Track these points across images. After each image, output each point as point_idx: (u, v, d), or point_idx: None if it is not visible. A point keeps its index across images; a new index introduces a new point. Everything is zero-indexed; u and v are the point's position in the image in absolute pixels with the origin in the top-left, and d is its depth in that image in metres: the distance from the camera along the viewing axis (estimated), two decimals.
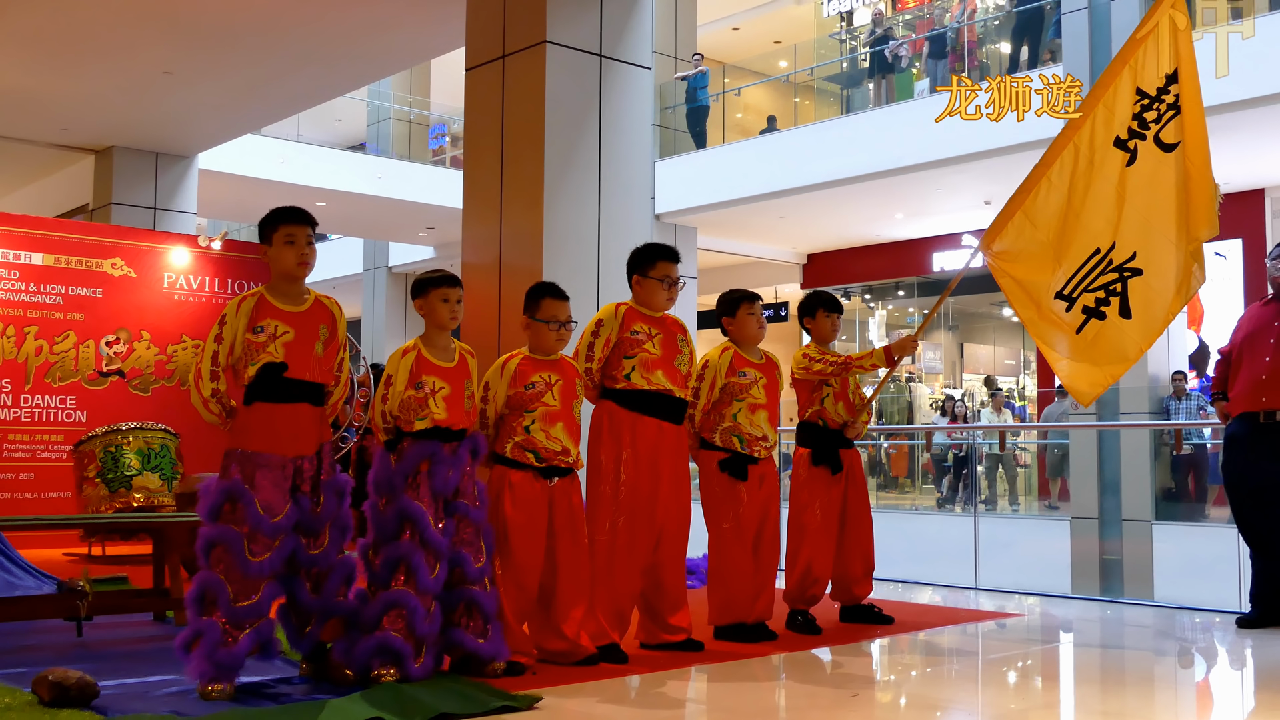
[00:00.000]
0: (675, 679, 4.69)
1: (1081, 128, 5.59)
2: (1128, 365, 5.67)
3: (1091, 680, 5.00)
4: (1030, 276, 5.65)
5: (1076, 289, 5.58)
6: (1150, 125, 5.56)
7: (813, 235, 18.97)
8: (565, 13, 7.87)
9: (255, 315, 4.23)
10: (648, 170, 8.58)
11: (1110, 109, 5.59)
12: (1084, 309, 5.58)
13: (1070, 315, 5.59)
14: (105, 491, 8.48)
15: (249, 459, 4.16)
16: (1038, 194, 5.62)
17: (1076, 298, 5.58)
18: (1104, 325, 5.57)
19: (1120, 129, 5.57)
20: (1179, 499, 12.85)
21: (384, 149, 21.93)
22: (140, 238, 10.70)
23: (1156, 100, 5.58)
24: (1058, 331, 5.64)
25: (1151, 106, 5.57)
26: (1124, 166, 5.57)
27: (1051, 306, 5.61)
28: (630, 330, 5.07)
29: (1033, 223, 5.61)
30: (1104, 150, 5.57)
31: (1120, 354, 5.59)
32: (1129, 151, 5.57)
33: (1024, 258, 5.65)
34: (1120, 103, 5.58)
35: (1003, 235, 5.68)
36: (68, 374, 9.93)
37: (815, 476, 5.80)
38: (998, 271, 5.72)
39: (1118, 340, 5.57)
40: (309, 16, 9.60)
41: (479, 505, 4.57)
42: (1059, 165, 5.61)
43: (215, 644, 3.99)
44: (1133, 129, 5.57)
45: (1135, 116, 5.57)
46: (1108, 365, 5.62)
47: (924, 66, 15.80)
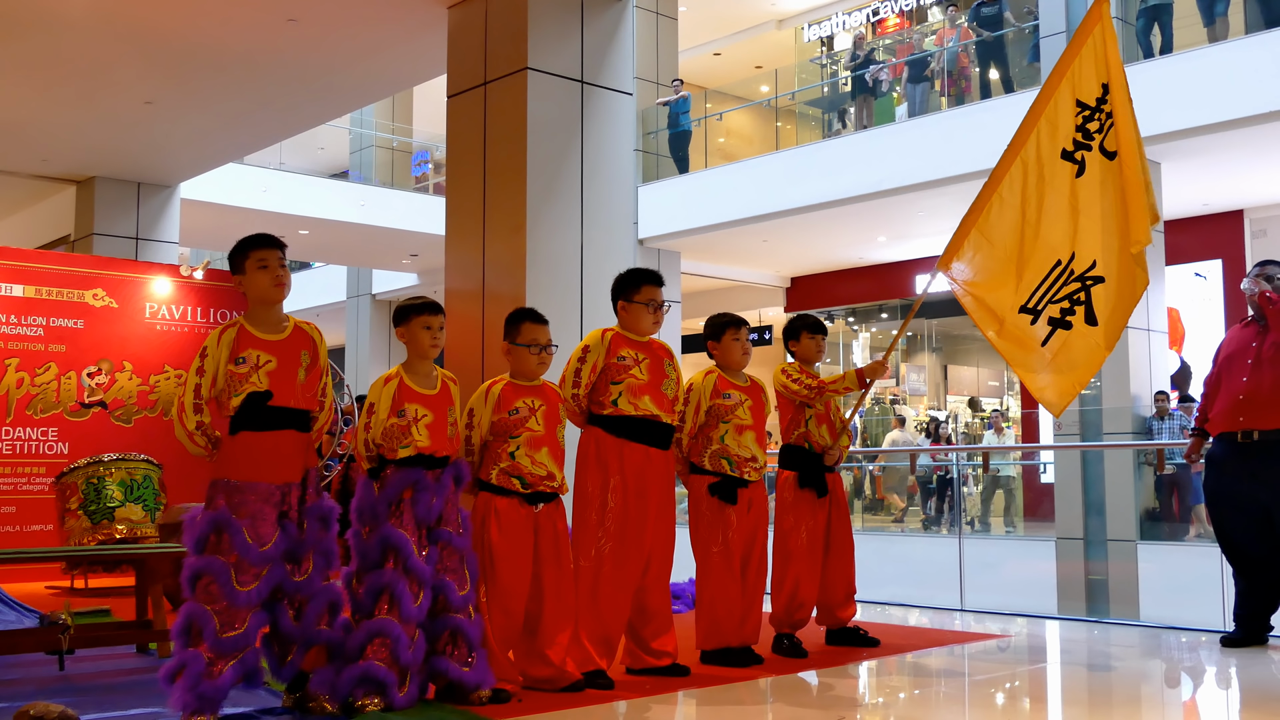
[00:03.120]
0: (662, 704, 4.67)
1: (1026, 143, 5.68)
2: (1094, 370, 5.73)
3: (1079, 701, 4.99)
4: (992, 294, 5.70)
5: (1041, 301, 5.64)
6: (1094, 135, 5.66)
7: (796, 259, 19.03)
8: (546, 39, 7.90)
9: (236, 346, 4.21)
10: (630, 195, 8.61)
11: (1053, 122, 5.68)
12: (1049, 320, 5.63)
13: (1036, 328, 5.64)
14: (88, 523, 8.42)
15: (236, 489, 4.13)
16: (990, 211, 5.69)
17: (1042, 309, 5.64)
18: (1070, 334, 5.63)
19: (1065, 141, 5.67)
20: (1163, 519, 12.88)
21: (367, 176, 21.94)
22: (122, 268, 10.66)
23: (1096, 110, 5.67)
24: (1022, 346, 5.68)
25: (1093, 117, 5.67)
26: (1074, 178, 5.66)
27: (1015, 321, 5.65)
28: (617, 356, 5.07)
29: (989, 240, 5.67)
30: (1052, 163, 5.66)
31: (1087, 361, 5.65)
32: (1076, 163, 5.66)
33: (984, 275, 5.70)
34: (1062, 115, 5.68)
35: (960, 255, 5.72)
36: (49, 405, 9.88)
37: (800, 499, 5.81)
38: (960, 294, 5.75)
39: (1085, 348, 5.63)
40: (290, 45, 9.62)
41: (462, 533, 4.56)
42: (1008, 181, 5.68)
43: (199, 676, 3.95)
44: (1078, 140, 5.66)
45: (1079, 128, 5.66)
46: (1074, 372, 5.66)
47: (904, 91, 15.90)
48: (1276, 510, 5.72)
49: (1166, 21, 12.62)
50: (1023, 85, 14.14)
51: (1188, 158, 12.45)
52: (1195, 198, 14.38)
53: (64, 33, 9.37)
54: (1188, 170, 12.85)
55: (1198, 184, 13.69)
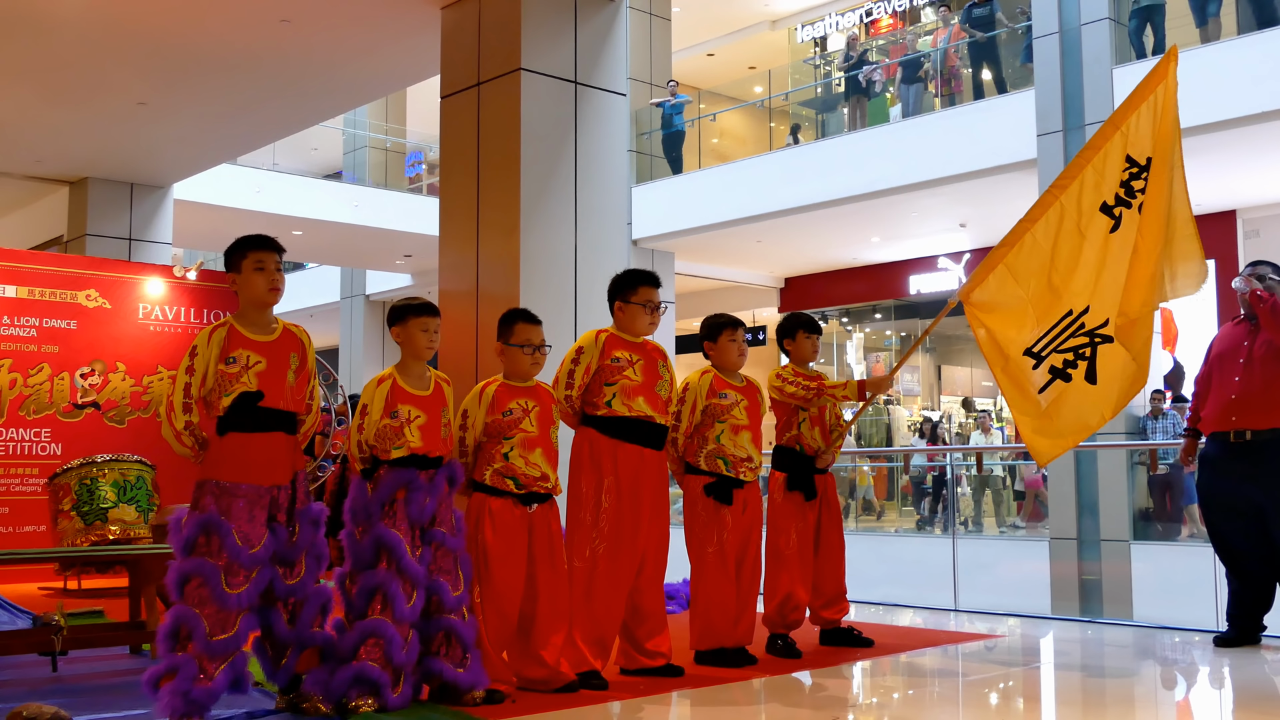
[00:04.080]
0: (655, 704, 4.67)
1: (1069, 188, 5.55)
2: (1088, 433, 5.63)
3: (1073, 701, 5.00)
4: (1004, 330, 5.60)
5: (1046, 348, 5.54)
6: (1136, 195, 5.53)
7: (790, 259, 19.04)
8: (540, 40, 7.90)
9: (227, 346, 4.20)
10: (624, 196, 8.61)
11: (1100, 172, 5.55)
12: (1051, 369, 5.53)
13: (1037, 374, 5.54)
14: (81, 524, 8.40)
15: (224, 490, 4.11)
16: (1021, 249, 5.58)
17: (1045, 356, 5.54)
18: (1068, 388, 5.51)
19: (1108, 194, 5.54)
20: (1156, 519, 12.90)
21: (360, 177, 21.92)
22: (115, 269, 10.64)
23: (1145, 170, 5.55)
24: (1021, 389, 5.61)
25: (1140, 175, 5.55)
26: (1108, 233, 5.53)
27: (1019, 363, 5.56)
28: (611, 357, 5.07)
29: (1015, 277, 5.57)
30: (1090, 215, 5.53)
31: (1081, 421, 5.53)
32: (1114, 218, 5.53)
33: (1001, 310, 5.61)
34: (1110, 167, 5.55)
35: (984, 286, 5.65)
36: (42, 406, 9.86)
37: (790, 501, 5.82)
38: (974, 321, 5.68)
39: (1079, 405, 5.51)
40: (283, 46, 9.61)
41: (456, 533, 4.56)
42: (1044, 222, 5.57)
43: (190, 679, 3.92)
44: (1120, 195, 5.54)
45: (1123, 184, 5.54)
46: (1069, 433, 5.54)
47: (897, 91, 15.92)
48: (1269, 510, 5.73)
49: (1159, 22, 12.64)
50: (1015, 86, 14.16)
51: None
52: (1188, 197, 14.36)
53: (57, 34, 9.35)
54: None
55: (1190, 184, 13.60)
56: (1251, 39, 11.63)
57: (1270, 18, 11.77)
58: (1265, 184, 13.94)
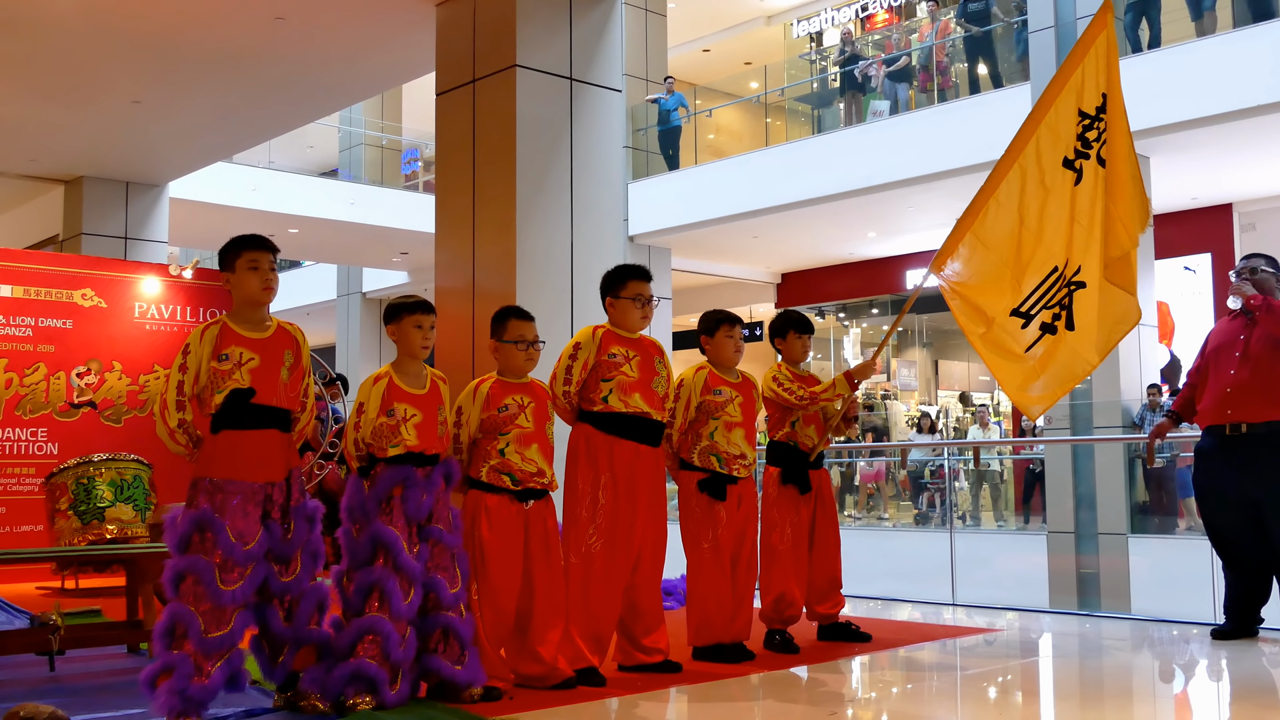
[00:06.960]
0: (653, 700, 4.67)
1: (1025, 148, 5.65)
2: (1076, 382, 5.73)
3: (1071, 695, 5.01)
4: (983, 296, 5.66)
5: (1035, 306, 5.62)
6: (1092, 144, 5.66)
7: (786, 255, 19.04)
8: (535, 37, 7.89)
9: (220, 343, 4.20)
10: (620, 192, 8.61)
11: (1054, 130, 5.65)
12: (1041, 325, 5.63)
13: (1026, 331, 5.62)
14: (78, 524, 8.39)
15: (218, 487, 4.11)
16: (986, 215, 5.65)
17: (1035, 314, 5.62)
18: (1055, 340, 5.62)
19: (1066, 149, 5.65)
20: (1153, 512, 12.90)
21: (356, 175, 21.91)
22: (111, 268, 10.63)
23: (1095, 120, 5.67)
24: (1004, 350, 5.65)
25: (1092, 126, 5.67)
26: (1073, 186, 5.65)
27: (1005, 324, 5.62)
28: (608, 353, 5.07)
29: (984, 244, 5.64)
30: (1054, 171, 5.64)
31: (1069, 371, 5.65)
32: (1076, 171, 5.66)
33: (977, 278, 5.66)
34: (1063, 123, 5.66)
35: (954, 257, 5.70)
36: (38, 406, 9.85)
37: (784, 495, 5.82)
38: (949, 293, 5.72)
39: (1066, 356, 5.63)
40: (278, 44, 9.59)
41: (453, 530, 4.56)
42: (1005, 186, 5.65)
43: (187, 678, 3.91)
44: (1078, 149, 5.65)
45: (1079, 137, 5.65)
46: (1056, 384, 5.64)
47: (883, 88, 15.91)
48: (1265, 503, 5.73)
49: (1155, 16, 12.63)
50: (1011, 80, 14.15)
51: (1176, 152, 12.47)
52: (1184, 192, 14.41)
53: (51, 32, 9.33)
54: (1176, 164, 12.87)
55: (1186, 178, 13.71)
56: (1247, 32, 11.62)
57: (1266, 11, 11.76)
58: (1262, 177, 13.95)
